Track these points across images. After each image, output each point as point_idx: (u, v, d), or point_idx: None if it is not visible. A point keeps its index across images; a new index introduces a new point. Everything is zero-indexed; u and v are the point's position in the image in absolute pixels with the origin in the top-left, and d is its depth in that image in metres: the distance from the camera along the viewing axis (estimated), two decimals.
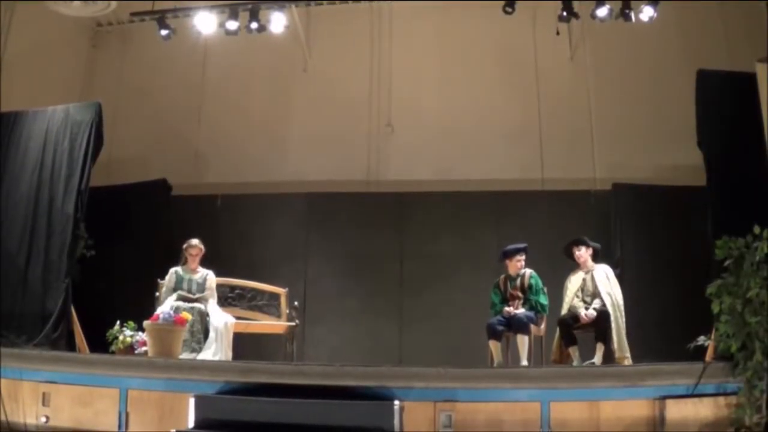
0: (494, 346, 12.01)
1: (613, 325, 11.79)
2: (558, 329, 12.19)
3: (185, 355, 11.64)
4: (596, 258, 12.54)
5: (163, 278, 12.96)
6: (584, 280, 12.32)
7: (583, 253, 12.49)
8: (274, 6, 15.43)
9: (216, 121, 17.90)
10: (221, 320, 12.32)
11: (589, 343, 11.89)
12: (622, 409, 9.58)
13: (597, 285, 12.13)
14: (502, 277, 12.78)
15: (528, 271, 12.59)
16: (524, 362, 11.66)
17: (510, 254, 12.75)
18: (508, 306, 12.36)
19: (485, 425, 9.56)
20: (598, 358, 11.63)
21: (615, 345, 11.71)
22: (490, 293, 12.77)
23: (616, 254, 14.86)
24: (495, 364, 11.81)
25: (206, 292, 12.66)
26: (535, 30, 17.11)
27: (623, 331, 11.86)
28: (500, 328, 12.03)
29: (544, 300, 12.36)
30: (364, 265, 16.31)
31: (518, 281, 12.55)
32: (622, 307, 12.04)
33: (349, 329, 16.05)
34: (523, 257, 12.68)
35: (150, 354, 11.19)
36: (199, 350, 11.97)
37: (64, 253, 12.72)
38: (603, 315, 11.79)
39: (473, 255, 15.81)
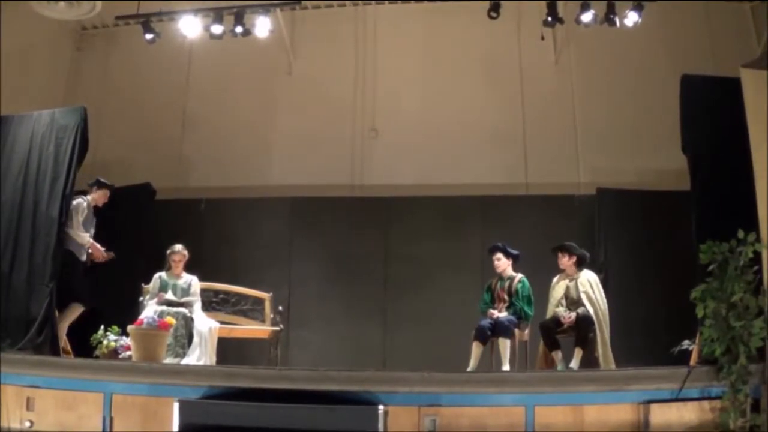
0: (476, 347, 12.02)
1: (598, 335, 11.80)
2: (541, 335, 12.20)
3: (169, 360, 11.65)
4: (582, 265, 12.53)
5: (147, 283, 12.97)
6: (568, 287, 12.34)
7: (566, 261, 12.51)
8: (258, 10, 15.41)
9: (200, 125, 17.86)
10: (205, 325, 12.34)
11: (572, 347, 11.91)
12: (606, 414, 9.60)
13: (580, 293, 12.14)
14: (496, 277, 12.84)
15: (519, 276, 12.65)
16: (506, 367, 11.68)
17: (489, 252, 12.92)
18: (494, 307, 12.42)
19: (469, 429, 9.58)
20: (575, 363, 11.64)
21: (600, 356, 11.72)
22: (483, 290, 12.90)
23: (600, 259, 14.88)
24: (470, 367, 11.83)
25: (190, 297, 12.64)
26: (520, 34, 17.12)
27: (608, 343, 11.87)
28: (489, 332, 12.04)
29: (528, 308, 12.37)
30: (349, 268, 16.33)
31: (507, 283, 12.61)
32: (607, 317, 12.06)
33: (334, 333, 16.04)
34: (500, 256, 12.77)
35: (134, 358, 11.17)
36: (183, 355, 11.98)
37: (49, 257, 12.62)
38: (584, 319, 11.80)
39: (457, 259, 15.86)
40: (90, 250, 12.98)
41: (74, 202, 12.97)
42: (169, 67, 17.78)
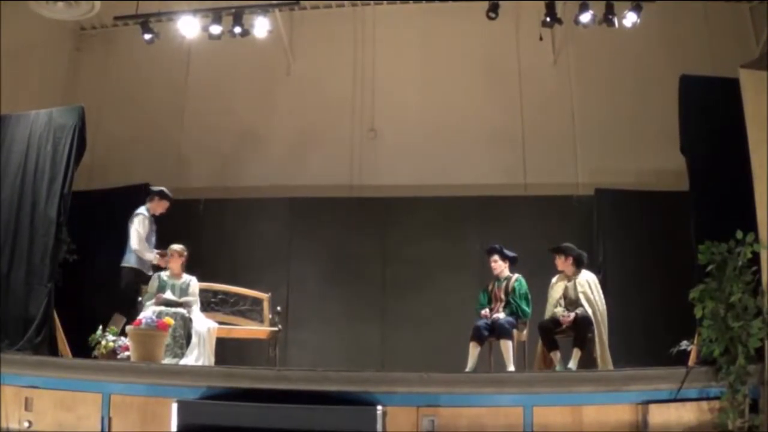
0: (473, 348, 11.99)
1: (596, 336, 11.75)
2: (540, 335, 12.17)
3: (168, 360, 11.61)
4: (581, 265, 12.49)
5: (146, 283, 12.94)
6: (566, 287, 12.27)
7: (562, 262, 12.45)
8: (257, 10, 15.41)
9: (199, 125, 17.88)
10: (204, 325, 12.29)
11: (570, 348, 11.88)
12: (604, 414, 9.60)
13: (579, 294, 12.10)
14: (493, 279, 12.83)
15: (515, 275, 12.61)
16: (510, 368, 11.65)
17: (486, 254, 12.88)
18: (492, 308, 12.42)
19: (468, 430, 9.57)
20: (574, 363, 11.61)
21: (598, 357, 11.68)
22: (479, 292, 12.88)
23: (599, 259, 14.89)
24: (468, 368, 11.81)
25: (189, 297, 12.62)
26: (519, 34, 17.14)
27: (606, 344, 11.83)
28: (486, 333, 12.00)
29: (525, 306, 12.32)
30: (347, 269, 16.32)
31: (504, 284, 12.58)
32: (606, 318, 12.01)
33: (332, 333, 16.04)
34: (496, 258, 12.74)
35: (132, 359, 11.13)
36: (181, 355, 11.94)
37: (47, 257, 12.64)
38: (583, 320, 11.76)
39: (456, 260, 15.84)
40: (156, 262, 13.08)
41: (135, 219, 13.22)
42: (167, 68, 17.81)
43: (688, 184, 11.56)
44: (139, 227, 13.15)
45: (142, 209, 13.32)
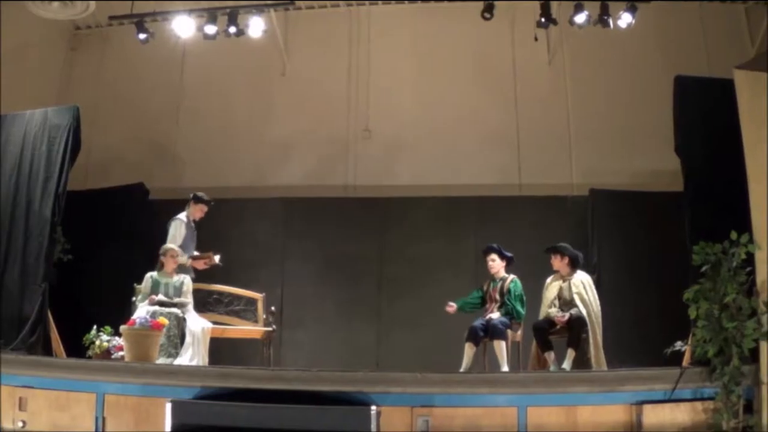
0: (469, 348, 11.98)
1: (590, 337, 11.74)
2: (534, 336, 12.15)
3: (162, 360, 11.58)
4: (576, 265, 12.47)
5: (140, 283, 12.91)
6: (561, 288, 12.24)
7: (558, 262, 12.43)
8: (252, 10, 15.39)
9: (194, 125, 17.87)
10: (198, 325, 12.26)
11: (564, 349, 11.86)
12: (599, 414, 9.61)
13: (573, 294, 12.08)
14: (488, 279, 12.82)
15: (511, 276, 12.58)
16: (504, 368, 11.63)
17: (483, 253, 12.87)
18: (486, 307, 12.44)
19: (462, 430, 9.58)
20: (567, 364, 11.56)
21: (592, 358, 11.65)
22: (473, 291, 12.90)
23: (593, 260, 14.87)
24: (462, 368, 11.80)
25: (183, 298, 12.59)
26: (514, 35, 17.15)
27: (600, 345, 11.80)
28: (481, 333, 12.00)
29: (520, 307, 12.29)
30: (342, 269, 16.31)
31: (499, 284, 12.56)
32: (600, 319, 11.98)
33: (327, 334, 16.03)
34: (494, 257, 12.71)
35: (127, 359, 11.13)
36: (175, 355, 11.89)
37: (41, 257, 12.63)
38: (577, 320, 11.74)
39: (451, 260, 15.84)
40: (192, 266, 13.12)
41: (173, 224, 13.30)
42: (163, 67, 17.78)
43: (683, 185, 11.57)
44: (175, 232, 13.21)
45: (181, 215, 13.41)
